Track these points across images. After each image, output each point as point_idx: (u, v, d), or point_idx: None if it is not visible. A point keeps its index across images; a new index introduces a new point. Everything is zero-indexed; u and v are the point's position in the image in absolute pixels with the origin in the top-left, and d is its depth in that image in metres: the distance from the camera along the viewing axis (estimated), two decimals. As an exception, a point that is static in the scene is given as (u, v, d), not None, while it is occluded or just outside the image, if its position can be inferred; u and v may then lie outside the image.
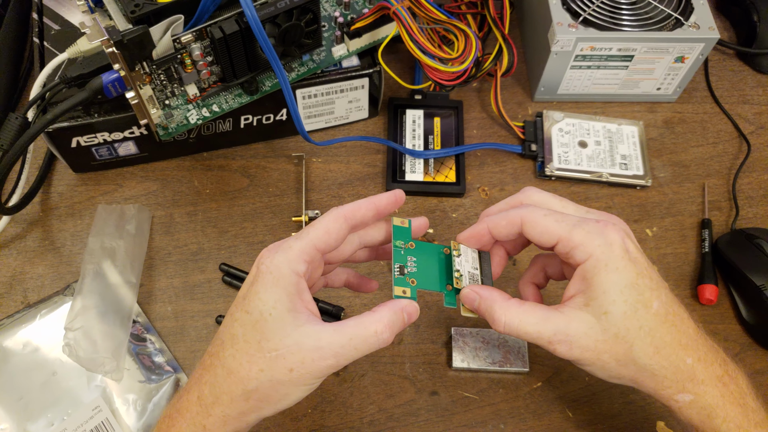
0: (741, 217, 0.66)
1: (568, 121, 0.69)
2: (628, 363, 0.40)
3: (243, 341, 0.40)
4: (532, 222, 0.42)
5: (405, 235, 0.45)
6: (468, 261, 0.45)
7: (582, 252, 0.40)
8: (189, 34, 0.52)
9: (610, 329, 0.39)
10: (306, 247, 0.41)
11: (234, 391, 0.39)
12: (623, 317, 0.39)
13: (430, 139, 0.68)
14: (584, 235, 0.40)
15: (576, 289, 0.41)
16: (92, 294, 0.56)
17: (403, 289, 0.43)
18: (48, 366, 0.55)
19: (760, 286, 0.58)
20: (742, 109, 0.74)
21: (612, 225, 0.41)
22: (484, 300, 0.43)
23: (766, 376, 0.58)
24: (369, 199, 0.44)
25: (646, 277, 0.40)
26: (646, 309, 0.39)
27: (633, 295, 0.39)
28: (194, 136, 0.65)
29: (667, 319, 0.40)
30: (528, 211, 0.43)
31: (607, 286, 0.39)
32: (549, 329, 0.40)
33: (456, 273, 0.44)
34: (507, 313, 0.41)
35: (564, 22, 0.65)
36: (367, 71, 0.65)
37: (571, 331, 0.40)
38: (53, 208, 0.64)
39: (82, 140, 0.61)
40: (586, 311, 0.40)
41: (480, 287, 0.44)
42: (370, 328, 0.39)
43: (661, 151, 0.70)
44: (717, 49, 0.78)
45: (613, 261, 0.40)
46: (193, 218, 0.64)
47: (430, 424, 0.55)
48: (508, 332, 0.41)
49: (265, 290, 0.40)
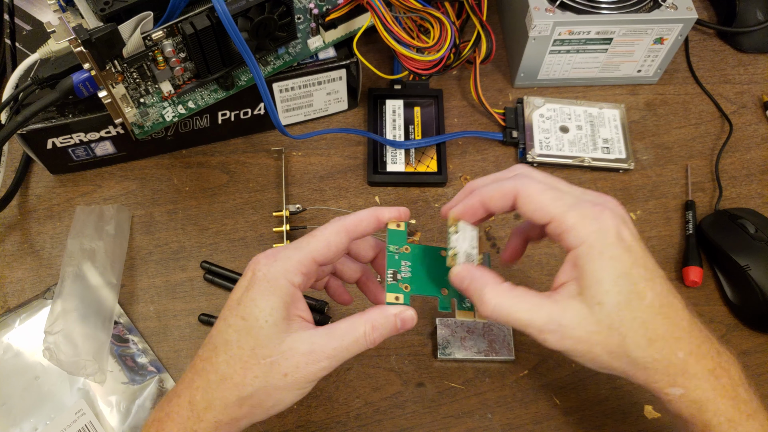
0: (725, 198, 0.65)
1: (549, 106, 0.69)
2: (620, 355, 0.39)
3: (237, 347, 0.39)
4: (527, 196, 0.40)
5: (400, 238, 0.44)
6: (466, 239, 0.43)
7: (575, 237, 0.39)
8: (159, 31, 0.51)
9: (604, 320, 0.38)
10: (304, 260, 0.41)
11: (228, 398, 0.39)
12: (617, 308, 0.38)
13: (410, 129, 0.67)
14: (579, 219, 0.39)
15: (568, 276, 0.40)
16: (72, 296, 0.55)
17: (396, 295, 0.42)
18: (30, 370, 0.55)
19: (744, 266, 0.58)
20: (724, 88, 0.73)
21: (609, 210, 0.39)
22: (475, 280, 0.41)
23: (753, 356, 0.58)
24: (372, 212, 0.43)
25: (641, 267, 0.39)
26: (640, 300, 0.38)
27: (627, 286, 0.38)
28: (172, 133, 0.64)
29: (661, 310, 0.39)
30: (524, 183, 0.41)
31: (600, 276, 0.38)
32: (541, 317, 0.38)
33: (451, 251, 0.43)
34: (498, 297, 0.39)
35: (541, 7, 0.64)
36: (344, 62, 0.64)
37: (565, 320, 0.38)
38: (31, 211, 0.64)
39: (57, 141, 0.60)
40: (579, 300, 0.38)
41: (473, 267, 0.42)
42: (360, 330, 0.40)
43: (643, 133, 0.70)
44: (697, 28, 0.78)
45: (608, 249, 0.38)
46: (173, 217, 0.63)
47: (417, 416, 0.55)
48: (496, 317, 0.39)
49: (261, 297, 0.40)
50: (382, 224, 0.44)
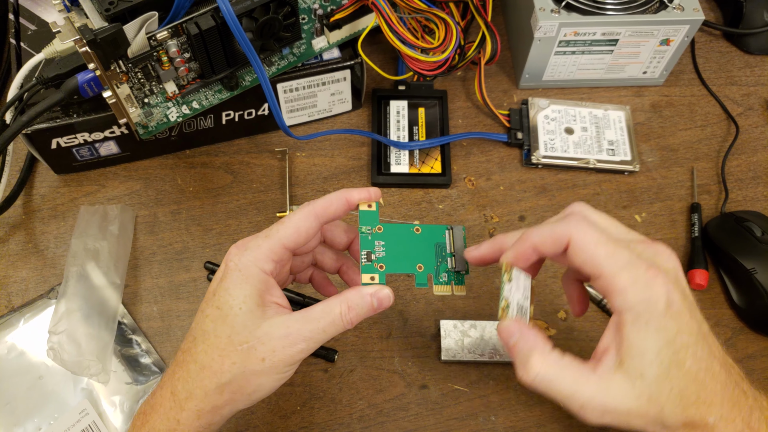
0: (730, 200, 0.65)
1: (554, 107, 0.68)
2: (655, 422, 0.38)
3: (214, 336, 0.40)
4: (580, 245, 0.38)
5: (372, 219, 0.44)
6: (519, 289, 0.42)
7: (623, 301, 0.37)
8: (164, 31, 0.51)
9: (644, 393, 0.37)
10: (274, 247, 0.42)
11: (207, 386, 0.40)
12: (657, 380, 0.37)
13: (414, 130, 0.67)
14: (630, 283, 0.37)
15: (610, 341, 0.38)
16: (76, 296, 0.55)
17: (371, 275, 0.42)
18: (34, 370, 0.55)
19: (750, 269, 0.58)
20: (730, 90, 0.73)
21: (662, 275, 0.37)
22: (524, 341, 0.39)
23: (759, 360, 0.57)
24: (341, 194, 0.44)
25: (684, 333, 0.37)
26: (679, 368, 0.37)
27: (668, 356, 0.37)
28: (176, 133, 0.64)
29: (698, 376, 0.37)
30: (578, 228, 0.39)
31: (644, 347, 0.37)
32: (584, 394, 0.37)
33: (503, 302, 0.41)
34: (544, 366, 0.38)
35: (546, 8, 0.64)
36: (349, 63, 0.64)
37: (608, 399, 0.37)
38: (35, 211, 0.64)
39: (62, 141, 0.60)
40: (620, 373, 0.37)
41: (524, 325, 0.40)
42: (335, 310, 0.41)
43: (648, 135, 0.69)
44: (703, 30, 0.78)
45: (655, 320, 0.37)
46: (177, 217, 0.63)
47: (421, 418, 0.54)
48: (536, 385, 0.38)
49: (234, 286, 0.41)
50: (352, 206, 0.44)
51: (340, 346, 0.57)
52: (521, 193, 0.65)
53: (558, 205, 0.65)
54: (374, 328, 0.58)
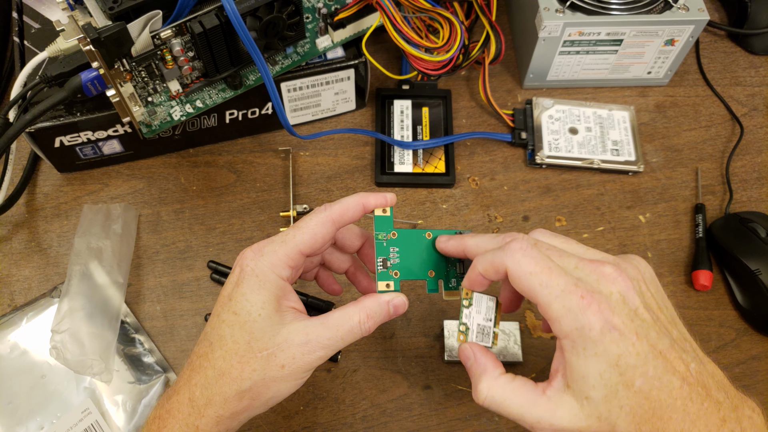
0: (735, 201, 0.65)
1: (558, 107, 0.68)
2: None
3: (232, 342, 0.40)
4: (516, 276, 0.39)
5: (387, 225, 0.44)
6: (481, 312, 0.43)
7: (559, 329, 0.37)
8: (168, 30, 0.51)
9: (593, 413, 0.37)
10: (291, 253, 0.41)
11: (227, 392, 0.40)
12: (604, 401, 0.37)
13: (418, 129, 0.67)
14: (563, 313, 0.37)
15: (558, 364, 0.39)
16: (79, 295, 0.55)
17: (387, 283, 0.43)
18: (36, 369, 0.55)
19: (754, 270, 0.58)
20: (735, 91, 0.73)
21: (598, 302, 0.36)
22: (476, 365, 0.41)
23: (763, 361, 0.57)
24: (358, 200, 0.43)
25: (630, 355, 0.37)
26: (627, 389, 0.37)
27: (614, 377, 0.37)
28: (179, 132, 0.64)
29: (651, 395, 0.37)
30: (513, 260, 0.39)
31: (585, 372, 0.37)
32: (533, 416, 0.38)
33: (461, 327, 0.43)
34: (491, 390, 0.39)
35: (551, 8, 0.64)
36: (353, 62, 0.64)
37: (556, 420, 0.37)
38: (39, 209, 0.64)
39: (65, 140, 0.60)
40: (568, 394, 0.38)
41: (478, 348, 0.42)
42: (354, 319, 0.41)
43: (653, 135, 0.69)
44: (708, 30, 0.77)
45: (591, 346, 0.36)
46: (180, 216, 0.63)
47: (424, 418, 0.54)
48: (488, 406, 0.40)
49: (252, 292, 0.40)
50: (367, 211, 0.44)
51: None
52: (525, 193, 0.65)
53: (562, 205, 0.64)
54: (378, 328, 0.58)
